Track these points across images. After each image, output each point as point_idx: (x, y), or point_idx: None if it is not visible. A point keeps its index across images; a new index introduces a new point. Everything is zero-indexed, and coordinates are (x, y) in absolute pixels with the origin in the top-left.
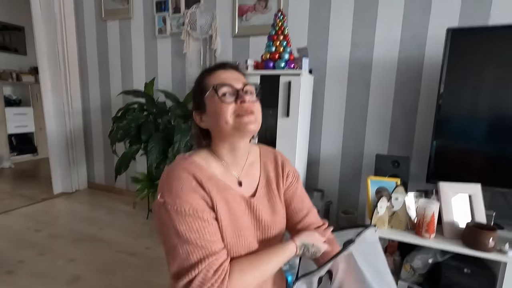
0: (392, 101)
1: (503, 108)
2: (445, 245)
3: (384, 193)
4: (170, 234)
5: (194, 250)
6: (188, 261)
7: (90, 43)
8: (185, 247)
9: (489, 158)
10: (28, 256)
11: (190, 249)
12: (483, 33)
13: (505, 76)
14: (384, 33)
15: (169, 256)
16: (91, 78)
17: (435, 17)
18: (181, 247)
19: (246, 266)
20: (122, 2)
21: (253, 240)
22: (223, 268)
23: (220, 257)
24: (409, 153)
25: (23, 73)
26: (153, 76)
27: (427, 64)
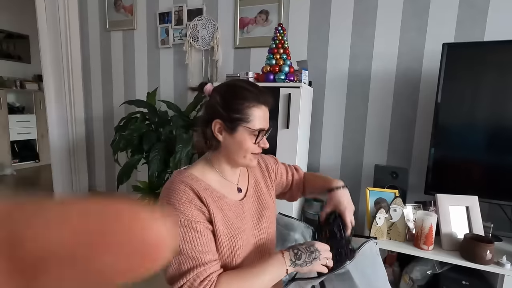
0: (390, 113)
1: (499, 119)
2: (443, 257)
3: (382, 204)
4: None
5: (185, 260)
6: (178, 270)
7: (94, 53)
8: (178, 257)
9: (486, 171)
10: None
11: (181, 259)
12: (477, 47)
13: (500, 88)
14: (382, 48)
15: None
16: (94, 88)
17: (431, 33)
18: (174, 257)
19: (234, 278)
20: (126, 14)
21: (251, 239)
22: (209, 278)
23: (209, 269)
24: (408, 164)
25: (27, 80)
26: (155, 86)
27: (425, 76)
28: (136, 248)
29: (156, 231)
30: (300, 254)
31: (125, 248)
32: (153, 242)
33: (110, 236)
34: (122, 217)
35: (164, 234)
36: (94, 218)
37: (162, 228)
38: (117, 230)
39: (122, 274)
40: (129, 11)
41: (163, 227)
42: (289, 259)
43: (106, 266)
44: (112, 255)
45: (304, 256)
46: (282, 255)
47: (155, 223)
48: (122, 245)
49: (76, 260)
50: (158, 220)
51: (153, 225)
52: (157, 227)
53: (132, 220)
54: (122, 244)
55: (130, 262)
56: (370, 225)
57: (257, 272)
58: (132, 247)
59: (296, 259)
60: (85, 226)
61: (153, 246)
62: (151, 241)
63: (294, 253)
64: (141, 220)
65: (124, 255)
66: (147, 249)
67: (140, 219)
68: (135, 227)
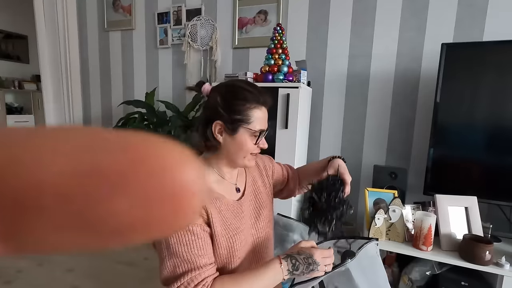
0: (389, 113)
1: (498, 119)
2: (442, 258)
3: (381, 204)
4: (161, 246)
5: (180, 263)
6: (173, 272)
7: (92, 53)
8: (173, 259)
9: (485, 171)
10: (26, 266)
11: (177, 261)
12: (476, 47)
13: (498, 88)
14: (381, 48)
15: (160, 266)
16: (93, 88)
17: (430, 33)
18: (169, 260)
19: (228, 283)
20: (124, 14)
21: (249, 239)
22: (204, 283)
23: (204, 272)
24: (407, 164)
25: (25, 81)
26: (154, 86)
27: (424, 76)
28: (157, 193)
29: (187, 174)
30: (298, 265)
31: (142, 191)
32: (182, 187)
33: (123, 174)
34: (140, 151)
35: (196, 179)
36: (101, 149)
37: (194, 171)
38: (133, 167)
39: (137, 226)
40: (127, 11)
41: (195, 170)
42: (287, 269)
43: (115, 214)
44: (124, 200)
45: (302, 268)
46: (280, 264)
47: (186, 164)
48: (138, 187)
49: (73, 202)
50: (189, 160)
51: (183, 166)
52: (188, 169)
53: (154, 156)
54: (139, 186)
55: (149, 211)
56: (369, 225)
57: (253, 278)
58: (152, 191)
59: (294, 269)
60: (89, 158)
61: (182, 192)
62: (179, 186)
63: (292, 263)
64: (167, 158)
65: (141, 202)
66: (173, 195)
67: (165, 156)
68: (158, 165)
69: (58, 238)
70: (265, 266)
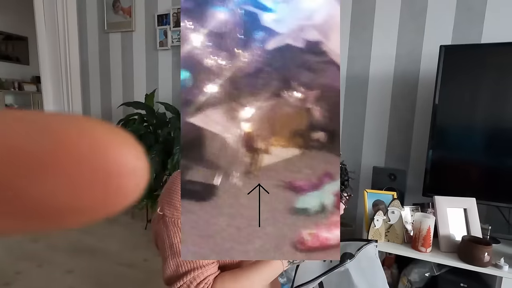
0: (388, 114)
1: (497, 121)
2: (441, 259)
3: (380, 206)
4: (164, 245)
5: (183, 262)
6: (176, 272)
7: (92, 54)
8: (176, 259)
9: (484, 172)
10: (26, 267)
11: (179, 261)
12: (474, 50)
13: (497, 90)
14: (380, 50)
15: (163, 265)
16: (93, 89)
17: (428, 35)
18: (172, 259)
19: (229, 280)
20: (124, 15)
21: None
22: (206, 281)
23: (206, 271)
24: (406, 166)
25: (25, 82)
26: (153, 88)
27: (422, 78)
28: (93, 174)
29: (121, 152)
30: None
31: (78, 171)
32: (115, 167)
33: (41, 158)
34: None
35: (133, 157)
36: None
37: (129, 150)
38: (54, 149)
39: (73, 208)
40: (127, 13)
41: (131, 149)
42: (288, 261)
43: (49, 194)
44: (45, 185)
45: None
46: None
47: (125, 145)
48: (60, 170)
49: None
50: (123, 140)
51: (116, 145)
52: (123, 147)
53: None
54: (61, 169)
55: (77, 194)
56: (368, 227)
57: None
58: (77, 172)
59: (294, 259)
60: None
61: (115, 172)
62: (112, 165)
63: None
64: (105, 138)
65: (78, 182)
66: (105, 176)
67: (102, 135)
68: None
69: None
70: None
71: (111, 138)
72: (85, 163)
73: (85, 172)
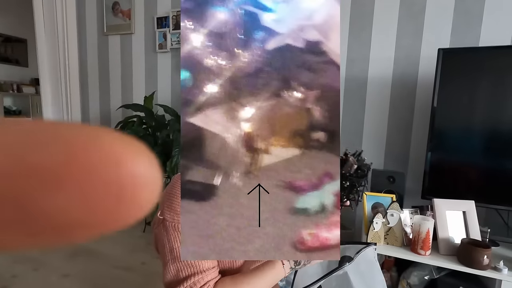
0: (387, 117)
1: (495, 123)
2: (440, 262)
3: (379, 209)
4: (165, 250)
5: (183, 267)
6: (176, 276)
7: (91, 57)
8: (176, 263)
9: (483, 175)
10: (22, 270)
11: (180, 266)
12: (472, 53)
13: (495, 93)
14: (379, 52)
15: (163, 270)
16: (92, 92)
17: (427, 38)
18: (173, 264)
19: (229, 285)
20: (124, 18)
21: None
22: (206, 286)
23: (207, 276)
24: (405, 168)
25: (24, 84)
26: (152, 90)
27: (421, 81)
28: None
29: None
30: (300, 261)
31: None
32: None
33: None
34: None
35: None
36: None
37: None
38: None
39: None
40: (127, 16)
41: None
42: (289, 267)
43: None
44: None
45: (303, 261)
46: (283, 264)
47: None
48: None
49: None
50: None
51: (135, 157)
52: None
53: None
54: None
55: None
56: (367, 230)
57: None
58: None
59: (296, 265)
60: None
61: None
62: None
63: (294, 261)
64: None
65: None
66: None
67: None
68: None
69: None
70: (267, 265)
71: (123, 149)
72: (97, 175)
73: (98, 185)
